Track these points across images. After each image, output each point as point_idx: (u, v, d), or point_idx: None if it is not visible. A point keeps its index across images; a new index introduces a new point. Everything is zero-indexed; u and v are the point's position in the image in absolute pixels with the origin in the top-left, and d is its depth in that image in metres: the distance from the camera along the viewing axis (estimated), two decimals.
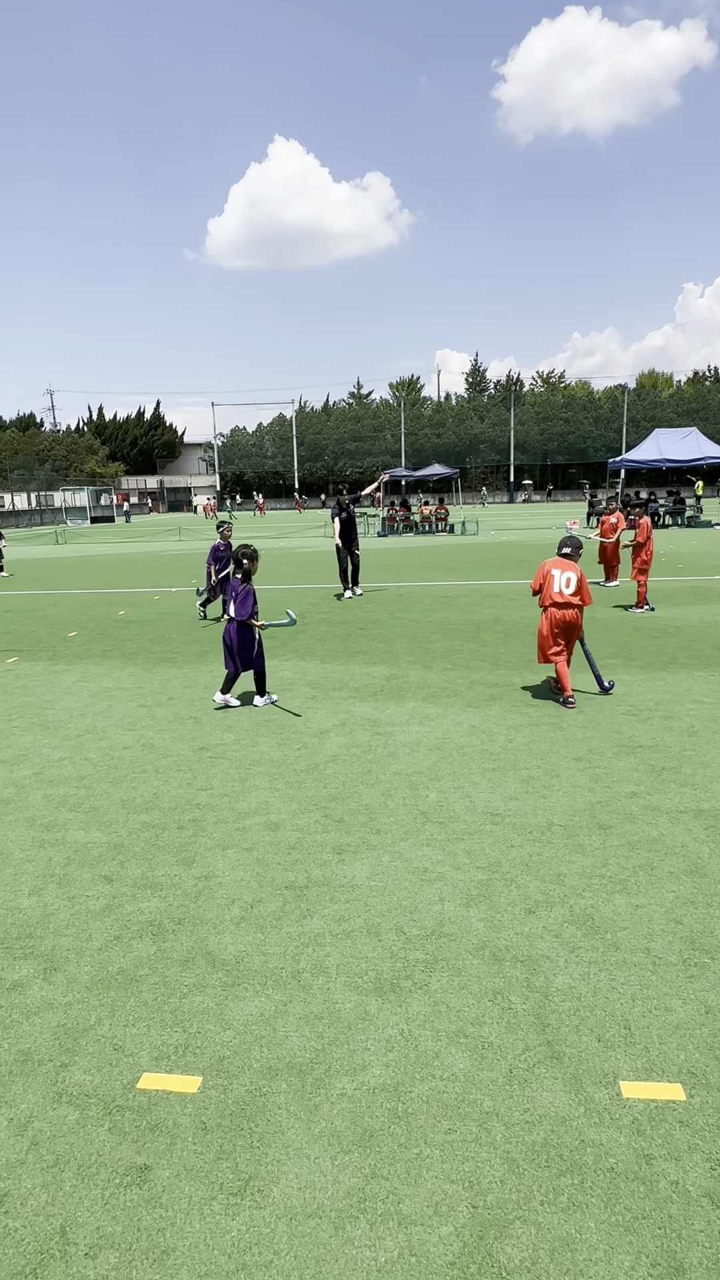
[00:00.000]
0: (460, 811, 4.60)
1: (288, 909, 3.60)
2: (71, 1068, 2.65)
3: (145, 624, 11.54)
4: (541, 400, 73.98)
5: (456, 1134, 2.34)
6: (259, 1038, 2.77)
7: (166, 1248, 2.02)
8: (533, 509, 54.46)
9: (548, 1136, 2.32)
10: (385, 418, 74.51)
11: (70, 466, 69.09)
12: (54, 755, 5.82)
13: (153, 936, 3.42)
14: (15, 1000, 3.02)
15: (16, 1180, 2.24)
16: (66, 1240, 2.05)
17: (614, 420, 68.04)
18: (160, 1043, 2.76)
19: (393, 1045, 2.71)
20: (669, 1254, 1.97)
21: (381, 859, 4.05)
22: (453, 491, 54.18)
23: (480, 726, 6.16)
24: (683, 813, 4.50)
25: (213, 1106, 2.47)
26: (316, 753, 5.68)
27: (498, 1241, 2.01)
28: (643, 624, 10.35)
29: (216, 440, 74.98)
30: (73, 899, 3.75)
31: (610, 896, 3.62)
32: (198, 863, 4.07)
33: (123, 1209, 2.13)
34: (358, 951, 3.25)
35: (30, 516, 57.01)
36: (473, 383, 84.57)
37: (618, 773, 5.13)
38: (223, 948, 3.31)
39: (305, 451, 72.86)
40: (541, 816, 4.49)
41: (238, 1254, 2.00)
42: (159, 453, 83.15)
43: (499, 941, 3.29)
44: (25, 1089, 2.57)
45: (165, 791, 5.06)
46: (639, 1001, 2.89)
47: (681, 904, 3.55)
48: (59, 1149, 2.33)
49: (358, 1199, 2.14)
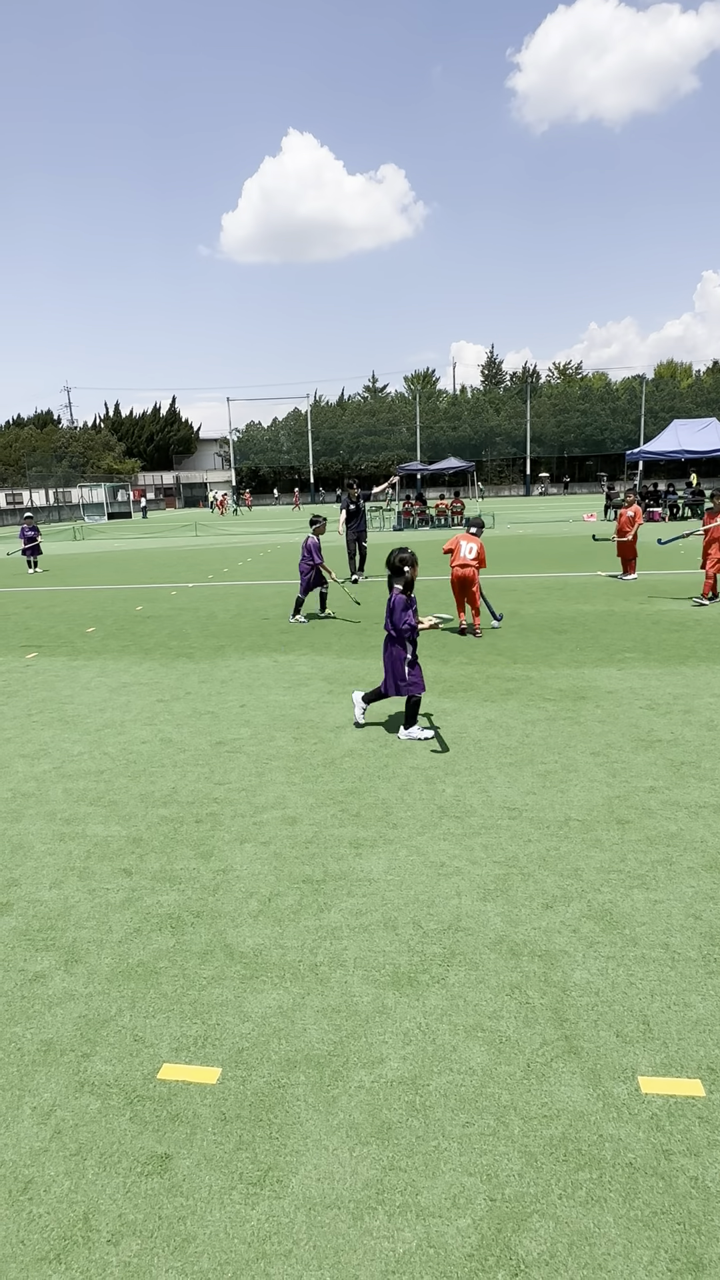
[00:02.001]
0: (477, 806, 4.59)
1: (305, 902, 3.62)
2: (93, 1058, 2.69)
3: (162, 619, 11.61)
4: (558, 392, 73.32)
5: (474, 1127, 2.35)
6: (277, 1030, 2.79)
7: (187, 1236, 2.05)
8: (549, 501, 54.09)
9: (566, 1131, 2.32)
10: (400, 411, 74.23)
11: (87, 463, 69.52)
12: (73, 750, 5.88)
13: (172, 929, 3.45)
14: (38, 991, 3.07)
15: (40, 1168, 2.27)
16: (89, 1227, 2.08)
17: (632, 411, 67.30)
18: (180, 1034, 2.78)
19: (410, 1038, 2.72)
20: (688, 1249, 1.96)
21: (398, 853, 4.06)
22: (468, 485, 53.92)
23: (497, 721, 6.14)
24: (702, 808, 4.46)
25: (232, 1097, 2.50)
26: (333, 747, 5.70)
27: (515, 1234, 2.01)
28: (661, 617, 10.26)
29: (232, 435, 75.08)
30: (93, 892, 3.80)
31: (629, 891, 3.61)
32: (216, 856, 4.10)
33: (144, 1197, 2.16)
34: (375, 945, 3.26)
35: (48, 513, 57.47)
36: (488, 375, 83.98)
37: (636, 767, 5.10)
38: (241, 940, 3.34)
39: (320, 446, 72.80)
40: (559, 811, 4.48)
41: (257, 1243, 2.02)
42: (175, 448, 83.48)
43: (516, 936, 3.29)
44: (48, 1078, 2.61)
45: (183, 786, 5.10)
46: (658, 997, 2.88)
47: (701, 899, 3.52)
48: (81, 1137, 2.37)
49: (376, 1190, 2.15)
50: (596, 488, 59.65)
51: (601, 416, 69.04)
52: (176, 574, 18.07)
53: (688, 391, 68.86)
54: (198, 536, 31.66)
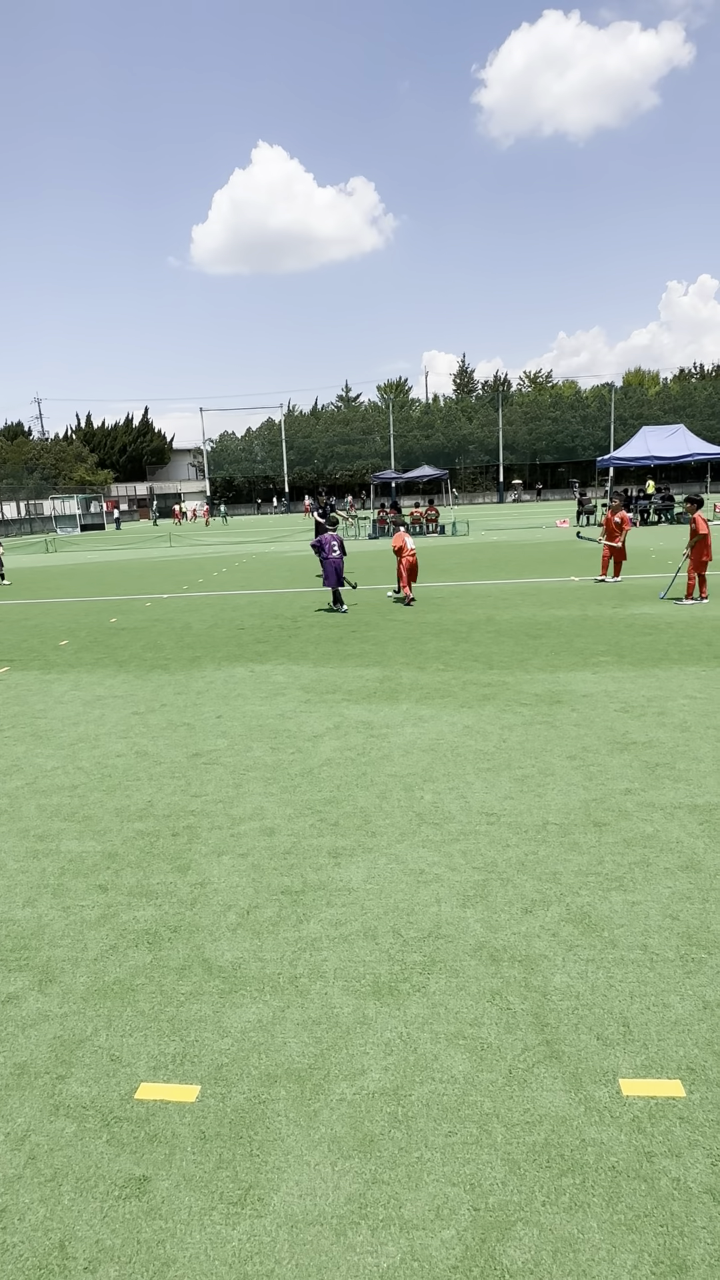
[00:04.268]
0: (455, 812, 4.59)
1: (284, 914, 3.59)
2: (68, 1079, 2.63)
3: (137, 631, 11.50)
4: (529, 400, 74.17)
5: (457, 1136, 2.33)
6: (257, 1044, 2.75)
7: (167, 1259, 2.01)
8: (522, 508, 54.58)
9: (548, 1136, 2.32)
10: (374, 420, 74.56)
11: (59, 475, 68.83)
12: (47, 765, 5.79)
13: (149, 945, 3.40)
14: (10, 1012, 3.00)
15: (14, 1195, 2.21)
16: (66, 1255, 2.03)
17: (602, 419, 68.28)
18: (158, 1052, 2.74)
19: (392, 1049, 2.70)
20: (671, 1251, 1.96)
21: (377, 862, 4.04)
22: (442, 493, 54.22)
23: (474, 727, 6.16)
24: (677, 808, 4.51)
25: (211, 1115, 2.46)
26: (311, 757, 5.67)
27: (500, 1243, 2.00)
28: (634, 621, 10.38)
29: (206, 446, 74.89)
30: (67, 909, 3.73)
31: (607, 894, 3.62)
32: (193, 870, 4.05)
33: (122, 1221, 2.11)
34: (355, 955, 3.24)
35: (20, 525, 56.78)
36: (460, 384, 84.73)
37: (612, 770, 5.14)
38: (219, 955, 3.30)
39: (295, 455, 72.83)
40: (537, 815, 4.49)
41: (239, 1264, 1.99)
42: (148, 459, 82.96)
43: (496, 942, 3.29)
44: (22, 1102, 2.55)
45: (159, 799, 5.03)
46: (637, 999, 2.89)
47: (678, 900, 3.55)
48: (57, 1162, 2.31)
49: (359, 1204, 2.13)
50: (569, 494, 60.32)
51: (572, 424, 69.96)
52: (151, 585, 17.92)
53: (655, 399, 70.08)
54: (172, 547, 31.47)
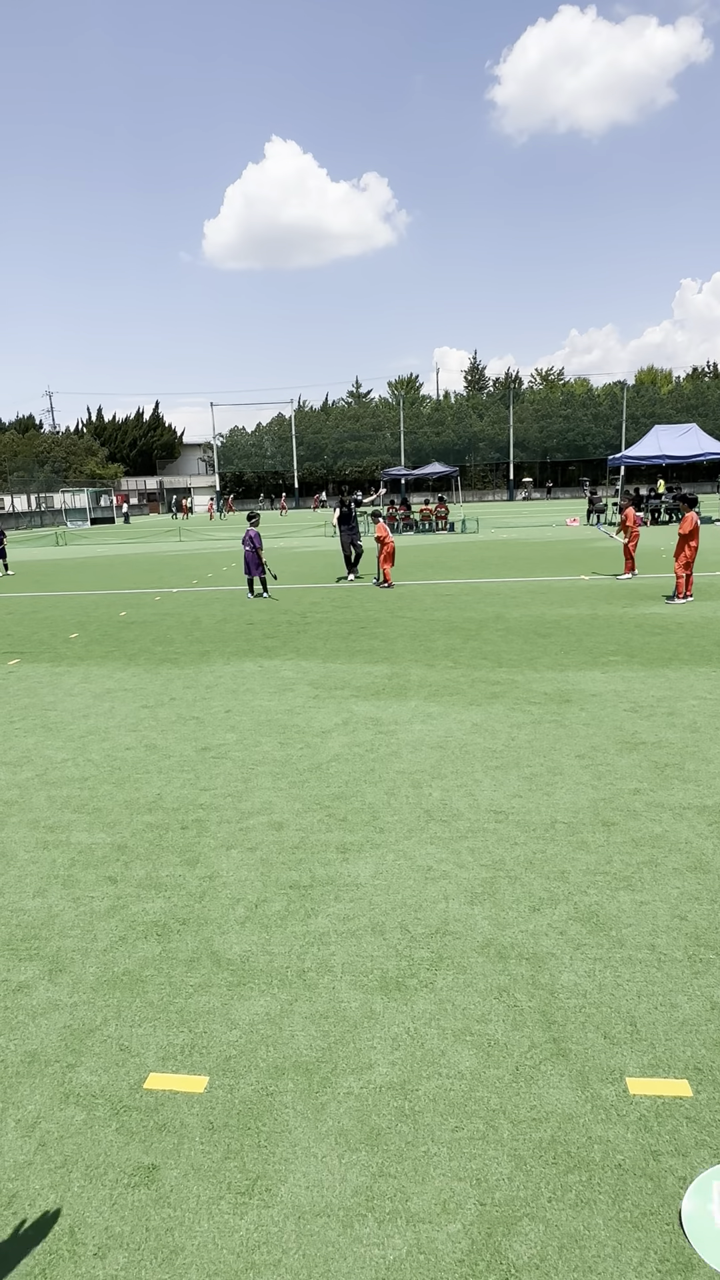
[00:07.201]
0: (464, 809, 4.60)
1: (292, 908, 3.60)
2: (78, 1068, 2.66)
3: (146, 625, 11.54)
4: (540, 398, 73.90)
5: (463, 1132, 2.34)
6: (265, 1037, 2.77)
7: (175, 1247, 2.03)
8: (532, 506, 54.42)
9: (555, 1133, 2.32)
10: (384, 416, 74.44)
11: (70, 468, 69.06)
12: (57, 757, 5.83)
13: (158, 937, 3.42)
14: (21, 1001, 3.03)
15: (25, 1181, 2.24)
16: (75, 1240, 2.06)
17: (613, 417, 67.98)
18: (166, 1043, 2.76)
19: (399, 1044, 2.71)
20: (677, 1250, 1.97)
21: (385, 858, 4.05)
22: (452, 490, 54.09)
23: (483, 724, 6.16)
24: (686, 809, 4.50)
25: (220, 1106, 2.48)
26: (319, 752, 5.69)
27: (506, 1239, 2.01)
28: (645, 621, 10.34)
29: (216, 440, 74.94)
30: (77, 900, 3.76)
31: (615, 893, 3.62)
32: (202, 863, 4.08)
33: (131, 1209, 2.14)
34: (363, 950, 3.25)
35: (30, 518, 57.04)
36: (471, 380, 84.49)
37: (621, 769, 5.13)
38: (228, 947, 3.32)
39: (304, 451, 72.82)
40: (545, 814, 4.49)
41: (246, 1253, 2.00)
42: (158, 453, 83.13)
43: (504, 939, 3.29)
44: (33, 1090, 2.57)
45: (168, 792, 5.06)
46: (644, 998, 2.89)
47: (686, 900, 3.55)
48: (67, 1149, 2.34)
49: (365, 1197, 2.14)
50: (579, 493, 60.10)
51: (584, 422, 69.66)
52: (161, 579, 17.98)
53: (668, 397, 69.69)
54: (181, 542, 31.53)
